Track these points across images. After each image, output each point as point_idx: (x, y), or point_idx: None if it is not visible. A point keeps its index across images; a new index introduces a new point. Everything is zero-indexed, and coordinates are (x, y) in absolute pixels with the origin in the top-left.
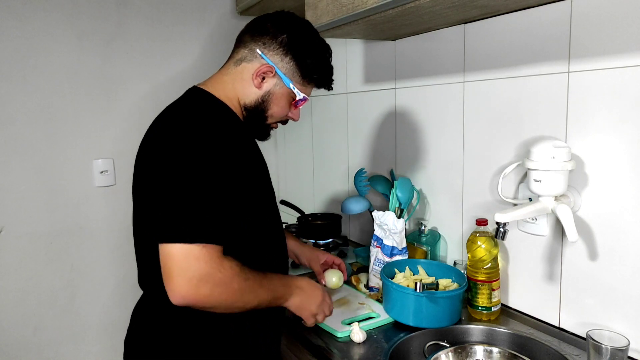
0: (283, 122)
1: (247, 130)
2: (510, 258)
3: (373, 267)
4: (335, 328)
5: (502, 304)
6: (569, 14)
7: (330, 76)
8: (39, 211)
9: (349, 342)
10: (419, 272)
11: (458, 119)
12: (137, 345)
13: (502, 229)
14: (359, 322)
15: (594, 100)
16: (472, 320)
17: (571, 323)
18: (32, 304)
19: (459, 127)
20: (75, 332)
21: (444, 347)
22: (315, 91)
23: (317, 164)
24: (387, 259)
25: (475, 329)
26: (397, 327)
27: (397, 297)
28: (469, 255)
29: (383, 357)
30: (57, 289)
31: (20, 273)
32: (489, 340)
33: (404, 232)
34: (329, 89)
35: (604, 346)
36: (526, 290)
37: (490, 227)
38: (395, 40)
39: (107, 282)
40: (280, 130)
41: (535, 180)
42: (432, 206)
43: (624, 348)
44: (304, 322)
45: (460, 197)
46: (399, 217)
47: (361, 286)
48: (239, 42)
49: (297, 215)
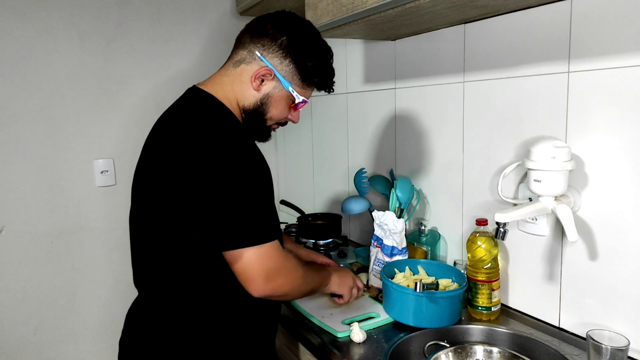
0: (282, 124)
1: (246, 132)
2: (510, 258)
3: (373, 267)
4: (335, 328)
5: (502, 304)
6: (569, 14)
7: (331, 79)
8: (39, 211)
9: (349, 342)
10: (419, 272)
11: (458, 119)
12: (131, 347)
13: (502, 229)
14: (359, 322)
15: (594, 100)
16: (472, 320)
17: (571, 323)
18: (33, 304)
19: (458, 127)
20: (75, 331)
21: (444, 347)
22: (316, 92)
23: (317, 164)
24: (387, 259)
25: (475, 329)
26: (397, 327)
27: (397, 297)
28: (469, 255)
29: (383, 357)
30: (58, 288)
31: (21, 273)
32: (489, 340)
33: (404, 232)
34: (330, 92)
35: (604, 346)
36: (526, 290)
37: (490, 227)
38: (395, 40)
39: (108, 282)
40: (280, 131)
41: (535, 180)
42: (432, 206)
43: (624, 348)
44: (337, 298)
45: (460, 197)
46: (399, 217)
47: None
48: (239, 42)
49: (297, 215)
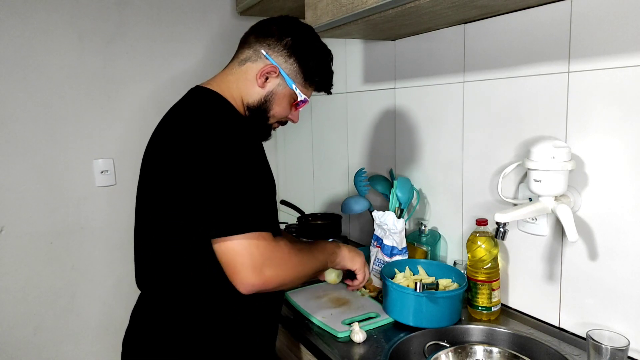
0: (282, 123)
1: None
2: (510, 258)
3: (373, 267)
4: (335, 328)
5: (502, 304)
6: (569, 14)
7: (331, 80)
8: (39, 211)
9: (349, 342)
10: (419, 272)
11: (458, 119)
12: (134, 346)
13: (502, 229)
14: (359, 322)
15: (594, 100)
16: (472, 320)
17: (571, 323)
18: (33, 304)
19: (458, 127)
20: (75, 332)
21: (444, 347)
22: (315, 92)
23: (317, 164)
24: (387, 259)
25: (475, 329)
26: (397, 327)
27: (397, 297)
28: (469, 255)
29: (383, 357)
30: (58, 288)
31: (21, 273)
32: (489, 340)
33: (404, 232)
34: (328, 93)
35: (604, 346)
36: (526, 290)
37: (490, 227)
38: (395, 40)
39: (108, 282)
40: (280, 131)
41: (535, 180)
42: (432, 206)
43: (624, 348)
44: (351, 281)
45: (460, 197)
46: (399, 217)
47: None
48: (244, 43)
49: (297, 215)
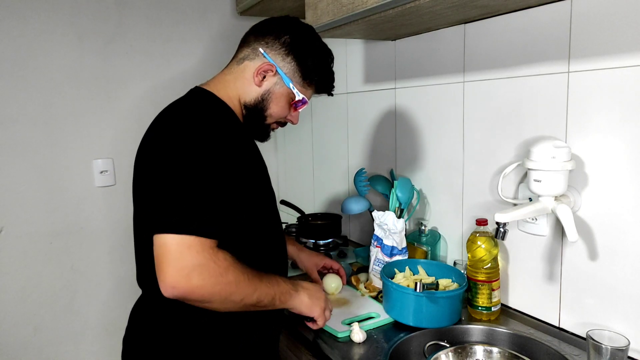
0: (282, 125)
1: (246, 130)
2: (510, 258)
3: (373, 267)
4: (335, 328)
5: (502, 304)
6: (569, 14)
7: (332, 81)
8: (39, 211)
9: (349, 342)
10: (419, 272)
11: (458, 119)
12: (135, 345)
13: (502, 229)
14: (359, 322)
15: (594, 100)
16: (472, 320)
17: (571, 323)
18: (32, 304)
19: (458, 127)
20: (75, 332)
21: (444, 347)
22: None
23: (317, 164)
24: (387, 259)
25: (475, 329)
26: (397, 327)
27: (397, 297)
28: (469, 255)
29: (383, 357)
30: (57, 289)
31: (20, 273)
32: (489, 340)
33: (404, 232)
34: (330, 94)
35: (604, 346)
36: (526, 290)
37: (490, 227)
38: (395, 40)
39: (107, 282)
40: (280, 131)
41: (535, 180)
42: (432, 206)
43: (624, 348)
44: (312, 323)
45: (460, 197)
46: (399, 217)
47: (361, 286)
48: (243, 42)
49: (297, 215)
